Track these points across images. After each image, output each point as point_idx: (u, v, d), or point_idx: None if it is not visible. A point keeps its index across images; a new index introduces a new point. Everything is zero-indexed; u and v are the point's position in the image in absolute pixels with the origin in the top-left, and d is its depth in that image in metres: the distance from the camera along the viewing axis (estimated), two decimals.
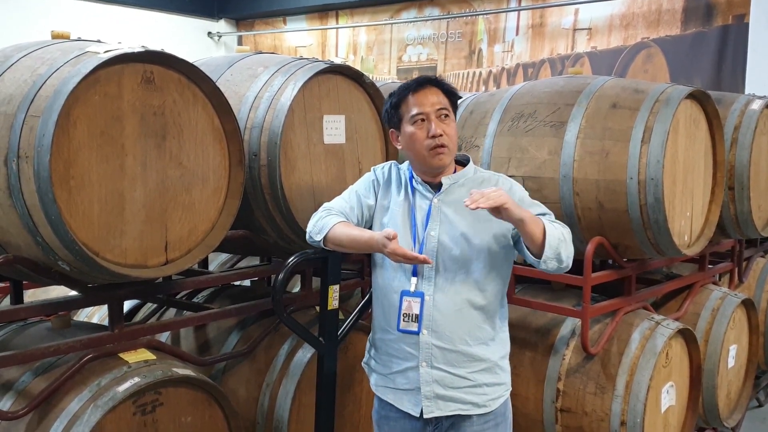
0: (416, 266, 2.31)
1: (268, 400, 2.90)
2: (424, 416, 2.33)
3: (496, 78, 9.16)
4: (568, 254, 2.23)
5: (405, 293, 2.32)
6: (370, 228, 2.45)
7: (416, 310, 2.30)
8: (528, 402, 3.45)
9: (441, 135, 2.27)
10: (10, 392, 2.39)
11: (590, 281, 3.26)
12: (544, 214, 2.32)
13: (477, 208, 2.06)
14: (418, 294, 2.30)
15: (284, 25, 11.20)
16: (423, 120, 2.29)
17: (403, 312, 2.32)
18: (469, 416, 2.34)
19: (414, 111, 2.30)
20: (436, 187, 2.36)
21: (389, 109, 2.37)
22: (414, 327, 2.30)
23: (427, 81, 2.34)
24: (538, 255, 2.19)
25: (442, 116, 2.29)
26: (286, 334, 3.00)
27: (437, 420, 2.36)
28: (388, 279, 2.38)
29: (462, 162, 2.45)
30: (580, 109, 3.31)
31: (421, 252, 2.31)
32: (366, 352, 2.56)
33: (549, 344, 3.45)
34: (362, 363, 2.58)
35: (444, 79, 2.38)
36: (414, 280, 2.31)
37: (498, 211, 2.10)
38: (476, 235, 2.30)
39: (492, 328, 2.36)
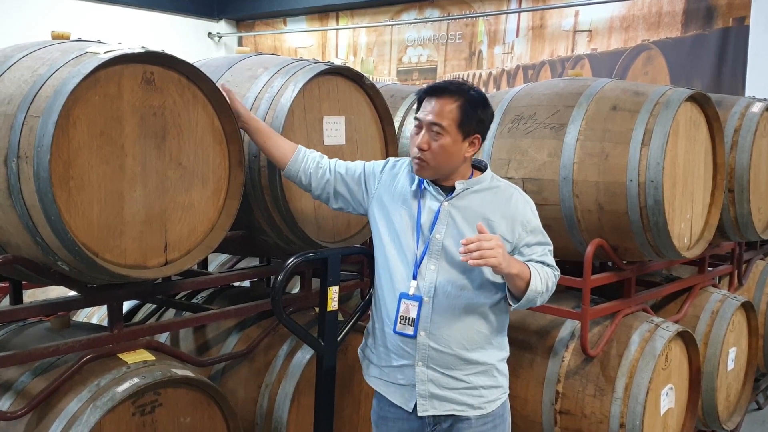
0: (417, 269, 2.31)
1: (267, 400, 2.90)
2: (419, 414, 2.34)
3: (496, 80, 9.16)
4: (542, 300, 2.32)
5: (403, 296, 2.32)
6: (366, 197, 2.50)
7: (413, 314, 2.29)
8: (527, 404, 3.45)
9: (422, 150, 2.26)
10: (9, 392, 2.39)
11: (590, 283, 3.26)
12: (544, 245, 2.36)
13: (467, 260, 2.09)
14: (417, 298, 2.30)
15: (284, 26, 11.20)
16: (418, 127, 2.30)
17: (400, 314, 2.31)
18: (468, 417, 2.34)
19: (417, 114, 2.31)
20: (448, 190, 2.34)
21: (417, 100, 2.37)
22: (410, 331, 2.30)
23: (445, 90, 2.27)
24: (513, 301, 2.28)
25: (433, 131, 2.25)
26: (286, 335, 3.00)
27: (435, 420, 2.36)
28: (389, 280, 2.38)
29: (480, 167, 2.40)
30: (580, 111, 3.31)
31: (424, 254, 2.31)
32: (363, 339, 2.56)
33: (548, 346, 3.45)
34: (358, 349, 2.57)
35: (468, 89, 2.27)
36: (414, 283, 2.31)
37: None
38: None
39: (491, 333, 2.36)
